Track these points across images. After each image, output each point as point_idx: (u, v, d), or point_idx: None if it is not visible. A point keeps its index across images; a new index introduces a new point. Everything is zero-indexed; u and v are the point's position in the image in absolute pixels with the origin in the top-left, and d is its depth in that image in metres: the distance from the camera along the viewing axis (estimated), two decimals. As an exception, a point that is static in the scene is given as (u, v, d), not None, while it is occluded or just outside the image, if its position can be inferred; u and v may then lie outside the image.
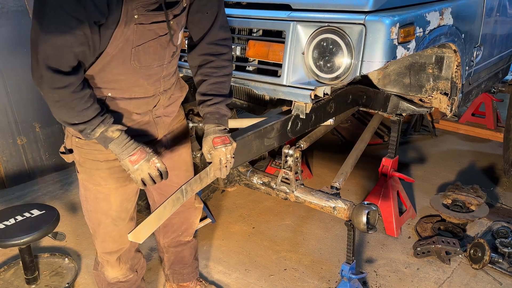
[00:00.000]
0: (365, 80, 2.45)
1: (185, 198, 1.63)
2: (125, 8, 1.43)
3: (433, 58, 2.39)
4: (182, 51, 2.48)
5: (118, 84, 1.61)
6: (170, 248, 2.30)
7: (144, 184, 1.61)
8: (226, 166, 1.70)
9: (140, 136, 1.73)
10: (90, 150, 1.71)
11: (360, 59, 1.77)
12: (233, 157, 1.71)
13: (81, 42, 1.42)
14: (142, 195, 2.95)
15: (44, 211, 2.50)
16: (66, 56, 1.41)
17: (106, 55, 1.50)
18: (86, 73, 1.56)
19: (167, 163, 1.72)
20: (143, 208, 3.02)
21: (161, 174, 1.62)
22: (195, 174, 1.69)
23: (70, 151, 1.77)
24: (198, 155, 2.66)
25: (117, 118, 1.65)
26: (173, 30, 1.61)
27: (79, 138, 1.70)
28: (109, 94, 1.62)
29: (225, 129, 1.71)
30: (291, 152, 2.28)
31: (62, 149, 1.81)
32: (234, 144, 1.70)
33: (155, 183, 1.62)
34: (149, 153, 1.59)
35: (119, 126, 1.57)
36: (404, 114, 2.69)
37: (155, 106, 1.76)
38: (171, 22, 1.59)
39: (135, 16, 1.46)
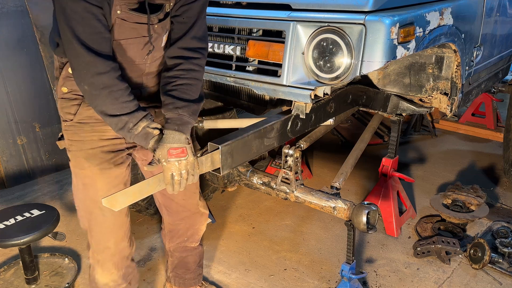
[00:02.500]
0: (365, 80, 2.45)
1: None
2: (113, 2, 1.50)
3: (433, 58, 2.39)
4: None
5: None
6: (175, 253, 2.27)
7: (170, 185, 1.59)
8: (179, 184, 1.58)
9: None
10: (75, 131, 1.73)
11: (360, 59, 1.77)
12: (192, 174, 1.60)
13: (106, 26, 1.50)
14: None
15: (44, 211, 2.50)
16: (101, 41, 1.49)
17: None
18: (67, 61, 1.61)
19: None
20: (143, 208, 3.02)
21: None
22: None
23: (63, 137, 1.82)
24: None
25: None
26: (157, 34, 1.66)
27: (66, 121, 1.74)
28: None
29: (187, 138, 1.61)
30: (291, 152, 2.28)
31: (59, 135, 1.84)
32: (191, 158, 1.58)
33: (180, 187, 1.59)
34: (189, 154, 1.58)
35: (158, 125, 1.59)
36: (404, 114, 2.69)
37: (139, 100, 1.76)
38: (156, 26, 1.63)
39: (118, 12, 1.52)
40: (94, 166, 1.76)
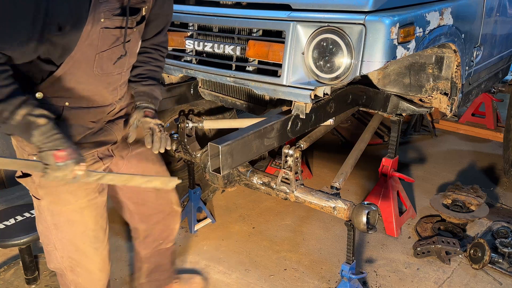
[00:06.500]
0: (365, 80, 2.45)
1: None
2: (92, 11, 1.42)
3: (433, 58, 2.39)
4: (181, 50, 2.48)
5: (77, 92, 1.57)
6: (152, 259, 2.20)
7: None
8: (159, 140, 1.72)
9: (101, 142, 1.70)
10: None
11: (360, 59, 1.77)
12: (166, 138, 1.75)
13: (23, 52, 1.37)
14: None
15: (44, 211, 2.50)
16: None
17: (70, 59, 1.47)
18: (46, 80, 1.49)
19: (135, 160, 1.91)
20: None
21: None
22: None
23: (27, 174, 1.66)
24: (198, 155, 2.67)
25: (74, 127, 1.59)
26: (134, 38, 1.67)
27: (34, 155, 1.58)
28: (67, 104, 1.56)
29: (156, 111, 1.81)
30: (291, 152, 2.28)
31: (19, 173, 1.69)
32: (158, 120, 1.78)
33: (161, 144, 1.73)
34: (81, 157, 1.47)
35: (46, 112, 1.41)
36: (404, 114, 2.69)
37: (109, 113, 1.73)
38: (134, 29, 1.63)
39: (102, 20, 1.45)
40: (81, 199, 1.66)
